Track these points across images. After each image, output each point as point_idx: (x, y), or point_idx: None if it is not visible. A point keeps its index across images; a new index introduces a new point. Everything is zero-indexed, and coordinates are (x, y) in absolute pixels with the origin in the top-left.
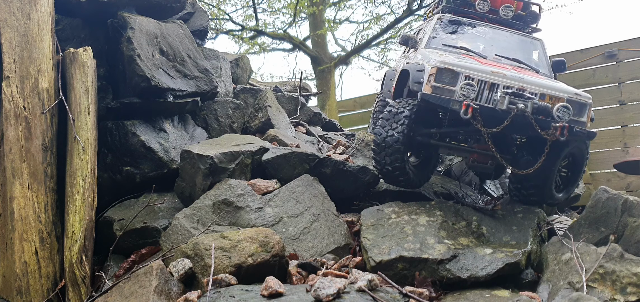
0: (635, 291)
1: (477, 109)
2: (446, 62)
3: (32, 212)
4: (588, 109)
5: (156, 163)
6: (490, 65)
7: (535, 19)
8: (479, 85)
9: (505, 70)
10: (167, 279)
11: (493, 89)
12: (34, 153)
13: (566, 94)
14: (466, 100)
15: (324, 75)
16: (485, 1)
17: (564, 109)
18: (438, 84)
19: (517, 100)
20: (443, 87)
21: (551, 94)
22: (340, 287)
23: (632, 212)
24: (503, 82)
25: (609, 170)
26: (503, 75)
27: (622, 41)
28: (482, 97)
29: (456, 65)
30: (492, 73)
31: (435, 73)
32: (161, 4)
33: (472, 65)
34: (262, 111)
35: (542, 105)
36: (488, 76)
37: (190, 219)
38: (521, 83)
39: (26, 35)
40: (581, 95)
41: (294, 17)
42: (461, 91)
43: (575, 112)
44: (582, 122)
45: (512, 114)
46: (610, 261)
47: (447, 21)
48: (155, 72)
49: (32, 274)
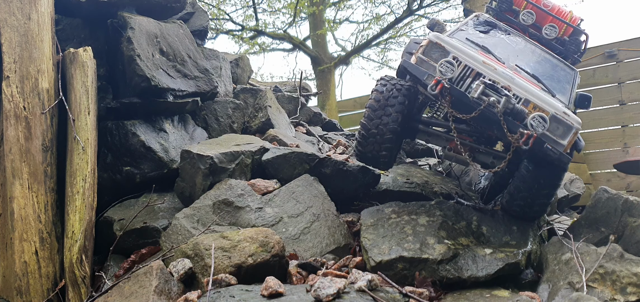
0: (635, 291)
1: (448, 88)
2: (441, 38)
3: (32, 212)
4: (572, 133)
5: (156, 163)
6: (490, 60)
7: (578, 48)
8: (464, 70)
9: (499, 66)
10: (167, 279)
11: (478, 78)
12: (34, 153)
13: (552, 109)
14: (439, 77)
15: (324, 75)
16: (531, 15)
17: (539, 120)
18: (425, 57)
19: (491, 93)
20: (427, 62)
21: (536, 103)
22: (340, 287)
23: (632, 212)
24: (489, 74)
25: (609, 170)
26: (494, 68)
27: (622, 41)
28: (464, 83)
29: (449, 43)
30: (482, 63)
31: (426, 45)
32: (161, 4)
33: (465, 50)
34: (262, 111)
35: (516, 108)
36: (476, 64)
37: (190, 219)
38: (509, 82)
39: (26, 35)
40: (569, 118)
41: (294, 17)
42: (439, 67)
43: (554, 130)
44: (560, 144)
45: (482, 106)
46: (610, 261)
47: (482, 20)
48: (155, 72)
49: (32, 274)
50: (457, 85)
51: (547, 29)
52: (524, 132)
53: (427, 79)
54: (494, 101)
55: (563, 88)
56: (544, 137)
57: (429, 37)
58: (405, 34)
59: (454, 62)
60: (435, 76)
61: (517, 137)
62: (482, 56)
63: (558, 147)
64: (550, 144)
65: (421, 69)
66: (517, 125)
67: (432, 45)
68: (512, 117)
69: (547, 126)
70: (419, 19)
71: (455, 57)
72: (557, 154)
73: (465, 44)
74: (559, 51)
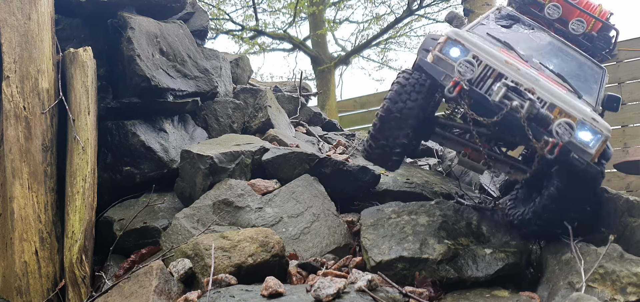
0: (635, 291)
1: (467, 90)
2: (459, 34)
3: (32, 212)
4: (601, 142)
5: (156, 163)
6: (514, 59)
7: (607, 44)
8: (485, 70)
9: (524, 66)
10: (167, 279)
11: (500, 79)
12: (34, 153)
13: (580, 115)
14: (458, 77)
15: (324, 75)
16: (557, 8)
17: (566, 127)
18: (442, 55)
19: (513, 96)
20: (445, 60)
21: (562, 107)
22: (340, 287)
23: (632, 212)
24: (512, 75)
25: (609, 170)
26: (517, 69)
27: (622, 41)
28: (485, 84)
29: (468, 41)
30: (505, 63)
31: (444, 42)
32: (161, 4)
33: (486, 48)
34: (262, 111)
35: (541, 113)
36: (498, 64)
37: (190, 219)
38: (533, 84)
39: (26, 35)
40: (598, 124)
41: (294, 17)
42: (458, 67)
43: (581, 139)
44: (588, 153)
45: (504, 110)
46: (610, 261)
47: (505, 14)
48: (155, 72)
49: (32, 274)
50: (477, 86)
51: (574, 24)
52: (549, 139)
53: (444, 79)
54: (517, 106)
55: (590, 88)
56: (570, 146)
57: (447, 33)
58: (405, 34)
59: (473, 61)
60: (454, 77)
61: (542, 145)
62: (505, 55)
63: (585, 156)
64: (577, 153)
65: (438, 68)
66: (542, 132)
67: (451, 42)
68: (536, 123)
69: (573, 134)
70: (419, 19)
71: (475, 56)
72: (584, 164)
73: (486, 40)
74: (587, 48)
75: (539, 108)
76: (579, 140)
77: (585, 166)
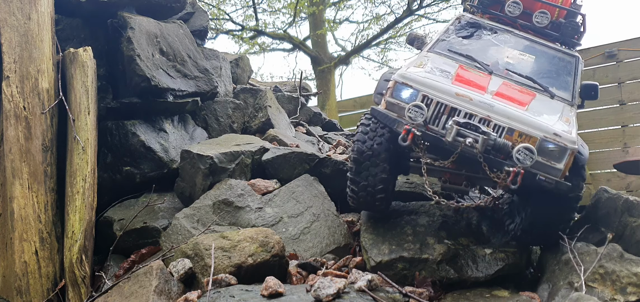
0: (635, 291)
1: (420, 136)
2: (406, 75)
3: (32, 212)
4: (568, 155)
5: (156, 163)
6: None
7: (576, 30)
8: (437, 109)
9: (476, 92)
10: (167, 279)
11: (454, 114)
12: (34, 153)
13: (540, 133)
14: (409, 125)
15: (324, 75)
16: (517, 5)
17: (525, 152)
18: (394, 99)
19: (467, 133)
20: (397, 105)
21: (521, 130)
22: (340, 287)
23: (632, 212)
24: (465, 108)
25: (609, 170)
26: (469, 99)
27: (622, 41)
28: (440, 122)
29: (416, 81)
30: (455, 96)
31: (393, 87)
32: (161, 4)
33: (434, 83)
34: (262, 111)
35: (498, 143)
36: (449, 99)
37: (190, 219)
38: (489, 112)
39: (26, 35)
40: (562, 137)
41: (294, 17)
42: (408, 113)
43: (547, 156)
44: (556, 169)
45: (458, 149)
46: (610, 261)
47: (464, 23)
48: (155, 72)
49: (32, 274)
50: (432, 124)
51: (538, 17)
52: (509, 169)
53: (397, 127)
54: (471, 142)
55: (564, 82)
56: (536, 168)
57: (394, 78)
58: (405, 34)
59: (422, 105)
60: (405, 124)
61: (503, 176)
62: (456, 85)
63: (553, 173)
64: (544, 172)
65: (391, 115)
66: (502, 162)
67: (400, 86)
68: (495, 154)
69: (535, 157)
70: (419, 19)
71: (425, 96)
72: (553, 183)
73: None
74: (555, 38)
75: (496, 138)
76: (545, 160)
77: (554, 185)
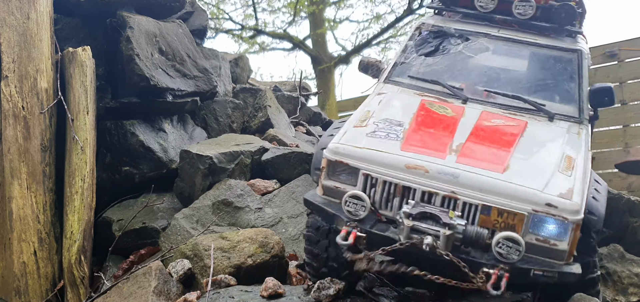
0: (636, 291)
1: (363, 238)
2: (338, 151)
3: (31, 213)
4: (571, 230)
5: (155, 163)
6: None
7: (571, 14)
8: (385, 188)
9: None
10: (166, 280)
11: (409, 195)
12: (33, 153)
13: (529, 206)
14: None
15: (324, 74)
16: None
17: (509, 245)
18: (331, 182)
19: (424, 227)
20: (336, 189)
21: (500, 206)
22: (340, 287)
23: (633, 213)
24: (421, 185)
25: (610, 170)
26: (423, 171)
27: (623, 41)
28: (392, 207)
29: (351, 156)
30: (405, 169)
31: (327, 167)
32: (160, 4)
33: (376, 155)
34: (262, 111)
35: (468, 234)
36: (398, 176)
37: (190, 220)
38: (453, 186)
39: (25, 35)
40: (559, 208)
41: (293, 17)
42: (346, 208)
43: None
44: (557, 251)
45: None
46: (611, 262)
47: (426, 35)
48: (154, 72)
49: (31, 275)
50: (384, 208)
51: (519, 7)
52: (490, 272)
53: (337, 224)
54: (430, 244)
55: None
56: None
57: (325, 155)
58: (405, 33)
59: (361, 195)
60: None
61: (480, 279)
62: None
63: (555, 257)
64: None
65: (329, 209)
66: (478, 262)
67: (333, 165)
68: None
69: (522, 249)
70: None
71: (367, 174)
72: (555, 276)
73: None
74: (546, 30)
75: (464, 229)
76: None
77: (557, 278)
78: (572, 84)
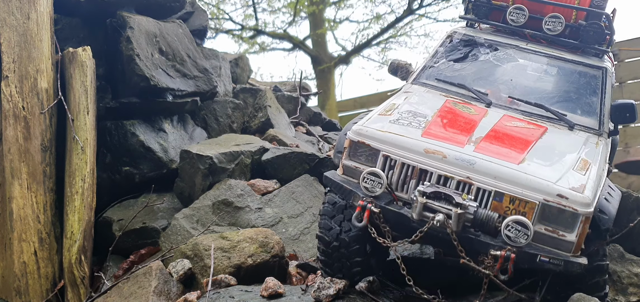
0: (636, 291)
1: (378, 213)
2: (362, 131)
3: (31, 213)
4: (580, 223)
5: (155, 163)
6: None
7: (599, 35)
8: (403, 171)
9: (453, 144)
10: (166, 280)
11: (426, 178)
12: (33, 153)
13: (540, 195)
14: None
15: (324, 75)
16: (521, 11)
17: (518, 228)
18: (352, 162)
19: (437, 206)
20: (356, 169)
21: (513, 193)
22: (340, 287)
23: None
24: (437, 169)
25: None
26: (441, 156)
27: (623, 41)
28: (408, 188)
29: (374, 138)
30: (424, 153)
31: (349, 147)
32: (160, 4)
33: (397, 139)
34: (262, 111)
35: (479, 217)
36: (416, 159)
37: (190, 220)
38: (468, 172)
39: (25, 35)
40: (569, 199)
41: (293, 17)
42: (363, 183)
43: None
44: (565, 242)
45: (425, 228)
46: (611, 261)
47: (457, 42)
48: (154, 72)
49: (31, 275)
50: (400, 190)
51: (549, 23)
52: (497, 254)
53: (353, 200)
54: (441, 220)
55: (588, 104)
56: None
57: (349, 135)
58: (405, 33)
59: (379, 173)
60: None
61: (489, 263)
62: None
63: (562, 248)
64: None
65: (347, 186)
66: (487, 243)
67: (355, 146)
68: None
69: (531, 233)
70: (420, 18)
71: (387, 156)
72: (561, 263)
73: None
74: (574, 46)
75: (475, 210)
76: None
77: (562, 266)
78: (594, 98)
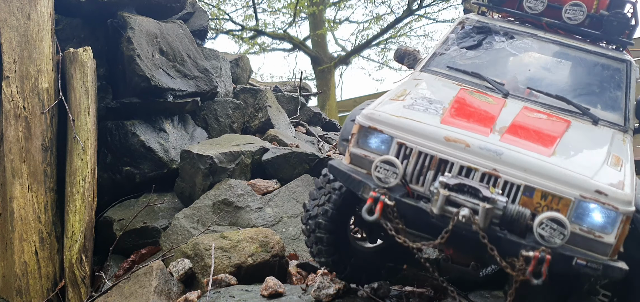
0: None
1: (392, 206)
2: (374, 116)
3: (32, 213)
4: (620, 222)
5: (156, 163)
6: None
7: (623, 25)
8: (419, 160)
9: (476, 132)
10: (167, 279)
11: (445, 169)
12: (34, 153)
13: (576, 191)
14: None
15: (324, 75)
16: None
17: (553, 226)
18: (360, 150)
19: (462, 199)
20: (365, 158)
21: (545, 188)
22: (340, 287)
23: None
24: (460, 160)
25: None
26: (464, 145)
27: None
28: (425, 180)
29: (387, 122)
30: (445, 141)
31: (358, 133)
32: (161, 4)
33: (414, 125)
34: (262, 111)
35: (509, 213)
36: (435, 147)
37: (190, 219)
38: (495, 163)
39: (26, 35)
40: (609, 196)
41: (294, 17)
42: (376, 173)
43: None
44: (603, 244)
45: (450, 226)
46: None
47: (469, 28)
48: (155, 72)
49: (32, 274)
50: (415, 182)
51: (570, 11)
52: (529, 255)
53: (363, 192)
54: (466, 215)
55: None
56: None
57: (358, 119)
58: (405, 33)
59: (394, 161)
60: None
61: (520, 266)
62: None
63: (600, 250)
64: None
65: (355, 176)
66: (518, 242)
67: (365, 132)
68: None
69: (567, 232)
70: (419, 19)
71: (402, 144)
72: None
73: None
74: (596, 37)
75: (504, 206)
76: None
77: (601, 272)
78: (618, 92)
